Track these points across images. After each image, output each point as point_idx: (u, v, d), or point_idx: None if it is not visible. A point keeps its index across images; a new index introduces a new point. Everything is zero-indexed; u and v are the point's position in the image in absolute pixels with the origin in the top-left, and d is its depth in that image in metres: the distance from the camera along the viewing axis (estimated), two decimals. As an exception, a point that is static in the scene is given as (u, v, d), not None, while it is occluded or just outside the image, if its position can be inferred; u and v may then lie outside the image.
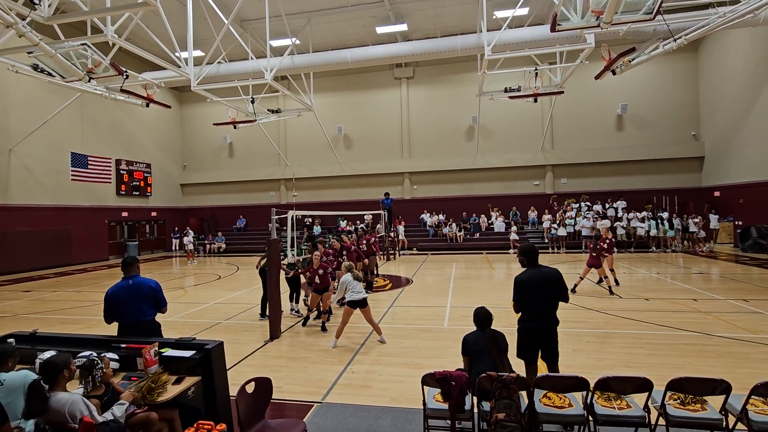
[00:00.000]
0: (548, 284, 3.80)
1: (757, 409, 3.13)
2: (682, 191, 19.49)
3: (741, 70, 16.64)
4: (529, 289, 3.78)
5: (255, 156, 24.42)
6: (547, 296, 3.81)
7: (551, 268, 3.89)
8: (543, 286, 3.79)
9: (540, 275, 3.83)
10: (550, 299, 3.82)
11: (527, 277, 3.84)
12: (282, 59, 15.34)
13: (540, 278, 3.81)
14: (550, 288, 3.80)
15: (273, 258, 6.60)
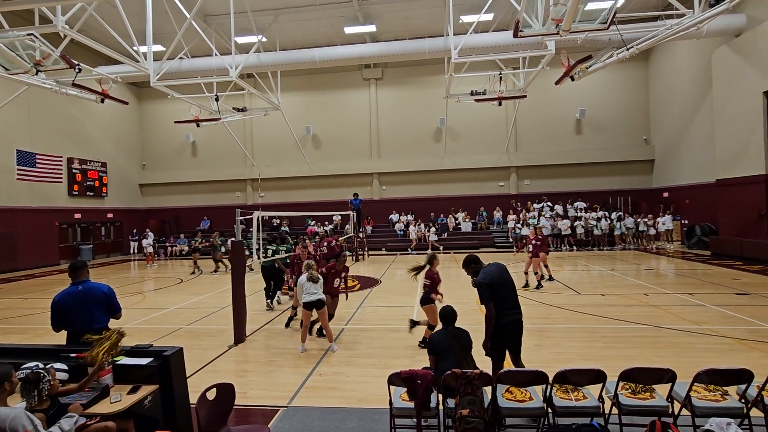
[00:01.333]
0: (506, 276, 4.01)
1: (699, 395, 3.36)
2: (635, 192, 20.64)
3: (686, 80, 17.82)
4: (495, 285, 3.89)
5: (220, 155, 23.71)
6: (510, 287, 3.99)
7: (500, 264, 4.10)
8: (503, 279, 3.97)
9: (496, 270, 4.00)
10: (513, 290, 4.02)
11: (488, 274, 3.95)
12: (248, 57, 14.98)
13: (498, 272, 3.99)
14: (509, 279, 4.01)
15: (236, 259, 6.43)
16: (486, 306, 3.86)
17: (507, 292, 3.95)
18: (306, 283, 5.82)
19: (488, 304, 3.85)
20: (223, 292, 10.51)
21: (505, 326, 3.90)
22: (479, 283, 3.92)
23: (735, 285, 9.51)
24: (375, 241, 20.49)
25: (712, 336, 5.94)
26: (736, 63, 14.03)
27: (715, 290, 9.00)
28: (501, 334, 3.91)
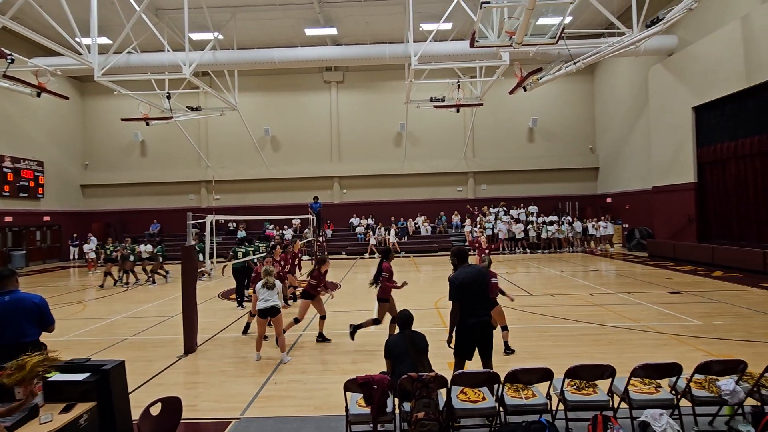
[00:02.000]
0: (480, 280, 4.03)
1: (636, 388, 3.61)
2: (582, 197, 21.90)
3: (626, 94, 19.20)
4: (466, 286, 3.95)
5: (172, 156, 22.60)
6: (481, 291, 4.03)
7: (480, 267, 4.19)
8: (476, 282, 4.00)
9: (472, 272, 4.04)
10: (484, 294, 4.06)
11: (461, 274, 4.02)
12: (203, 54, 14.45)
13: (473, 275, 4.02)
14: (483, 284, 4.05)
15: (187, 266, 6.14)
16: (452, 303, 3.98)
17: (476, 295, 3.99)
18: (261, 290, 5.65)
19: (453, 303, 3.96)
20: (174, 299, 10.00)
21: (470, 327, 3.96)
22: (451, 281, 4.02)
23: (668, 284, 10.32)
24: (335, 245, 20.33)
25: (649, 332, 6.40)
26: (669, 80, 15.30)
27: (651, 289, 9.72)
28: (466, 334, 3.98)
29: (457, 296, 3.94)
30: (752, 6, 12.03)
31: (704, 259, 13.17)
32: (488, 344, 4.04)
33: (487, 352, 4.05)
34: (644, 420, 3.29)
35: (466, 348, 4.01)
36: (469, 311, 3.95)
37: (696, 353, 5.38)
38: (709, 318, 7.09)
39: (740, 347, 5.62)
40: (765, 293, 8.94)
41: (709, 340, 5.97)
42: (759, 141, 12.01)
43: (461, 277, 3.99)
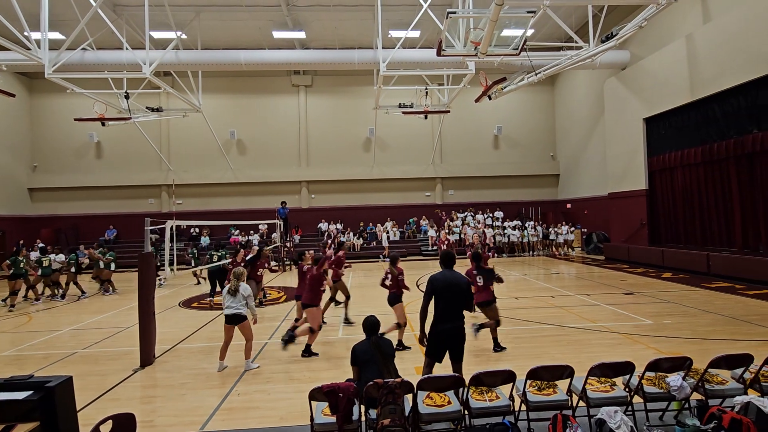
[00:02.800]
0: (458, 287, 4.07)
1: (593, 387, 3.75)
2: (544, 203, 22.75)
3: (584, 105, 20.18)
4: (440, 289, 4.01)
5: (130, 158, 21.57)
6: (457, 297, 4.06)
7: (462, 275, 4.22)
8: (453, 288, 4.04)
9: (452, 277, 4.09)
10: (459, 301, 4.08)
11: (440, 276, 4.08)
12: (164, 53, 13.93)
13: (452, 280, 4.07)
14: (458, 291, 4.07)
15: (144, 274, 5.86)
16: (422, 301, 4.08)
17: (449, 301, 4.04)
18: (225, 295, 5.48)
19: (423, 301, 4.06)
20: (130, 309, 9.52)
21: (440, 332, 4.03)
22: (428, 280, 4.11)
23: (623, 286, 10.87)
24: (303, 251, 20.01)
25: (605, 332, 6.71)
26: (623, 92, 16.22)
27: (607, 291, 10.20)
28: (438, 338, 4.05)
29: (429, 296, 4.04)
30: (695, 26, 12.99)
31: (655, 262, 13.97)
32: (459, 349, 4.11)
33: (457, 356, 4.12)
34: (600, 418, 3.43)
35: (437, 351, 4.09)
36: (443, 316, 4.03)
37: (647, 351, 5.69)
38: (660, 317, 7.51)
39: (687, 344, 5.99)
40: (708, 293, 9.58)
41: (659, 338, 6.32)
42: (702, 151, 12.93)
43: (439, 279, 4.07)
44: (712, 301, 8.68)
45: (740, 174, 11.86)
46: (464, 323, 4.14)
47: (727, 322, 7.05)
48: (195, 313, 9.11)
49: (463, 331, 4.13)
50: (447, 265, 4.23)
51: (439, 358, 4.11)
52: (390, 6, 16.19)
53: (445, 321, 4.02)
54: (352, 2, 16.45)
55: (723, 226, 12.56)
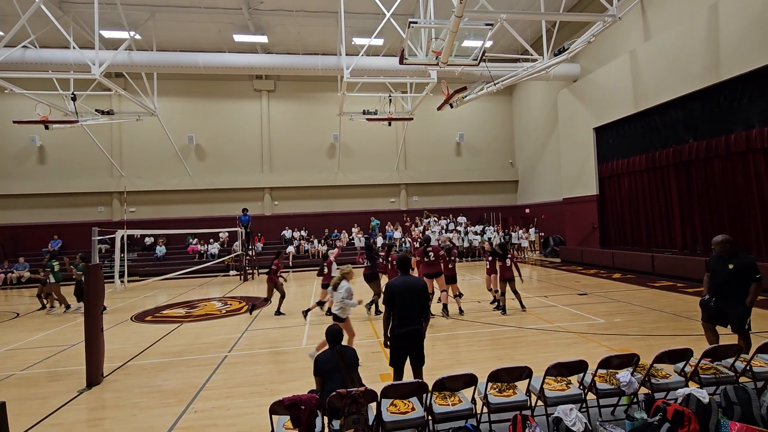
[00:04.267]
0: (415, 292, 4.17)
1: (550, 386, 3.89)
2: (504, 208, 23.53)
3: (540, 114, 21.14)
4: (397, 293, 4.09)
5: (78, 164, 20.27)
6: (414, 302, 4.15)
7: (419, 279, 4.33)
8: (410, 293, 4.14)
9: (408, 282, 4.19)
10: (416, 305, 4.18)
11: (396, 282, 4.18)
12: (116, 54, 13.26)
13: (408, 285, 4.17)
14: (415, 295, 4.17)
15: (91, 287, 5.50)
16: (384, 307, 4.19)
17: (407, 305, 4.13)
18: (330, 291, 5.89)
19: (385, 309, 4.17)
20: (76, 325, 8.90)
21: (400, 336, 4.11)
22: (385, 286, 4.21)
23: (577, 287, 11.41)
24: (266, 259, 19.53)
25: (562, 332, 6.99)
26: (574, 103, 17.13)
27: (563, 292, 10.66)
28: (397, 342, 4.14)
29: (388, 302, 4.13)
30: (638, 43, 13.97)
31: (606, 263, 14.77)
32: (419, 353, 4.19)
33: (418, 360, 4.19)
34: (557, 416, 3.56)
35: (398, 356, 4.17)
36: (400, 320, 4.11)
37: (600, 349, 5.98)
38: (611, 316, 7.94)
39: (635, 341, 6.35)
40: (653, 292, 10.23)
41: (610, 336, 6.67)
42: (646, 159, 13.87)
43: (395, 284, 4.16)
44: (657, 299, 9.28)
45: (679, 180, 12.82)
46: (422, 327, 4.24)
47: (670, 319, 7.56)
48: (149, 328, 8.65)
49: (422, 335, 4.23)
50: (404, 271, 4.34)
51: (401, 363, 4.18)
52: (353, 13, 16.29)
53: (403, 325, 4.12)
54: (316, 8, 16.42)
55: (665, 228, 13.50)
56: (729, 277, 4.80)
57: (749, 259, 4.83)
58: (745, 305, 4.70)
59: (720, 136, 11.26)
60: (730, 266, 4.79)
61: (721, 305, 4.89)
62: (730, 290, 4.80)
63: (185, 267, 15.08)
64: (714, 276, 4.99)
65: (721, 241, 4.93)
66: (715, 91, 11.29)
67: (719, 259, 4.94)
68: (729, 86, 10.89)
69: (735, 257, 4.84)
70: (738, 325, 4.77)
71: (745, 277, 4.71)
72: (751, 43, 10.03)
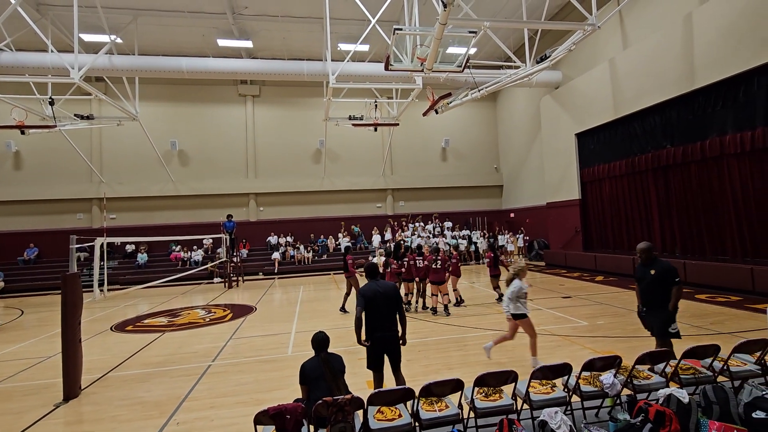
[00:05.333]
0: (387, 295, 4.27)
1: (535, 390, 3.93)
2: (490, 213, 23.77)
3: (523, 120, 21.49)
4: (368, 298, 4.18)
5: (55, 170, 19.71)
6: (387, 305, 4.25)
7: (389, 283, 4.42)
8: (381, 296, 4.24)
9: (379, 286, 4.30)
10: (391, 308, 4.27)
11: (369, 286, 4.28)
12: (96, 57, 13.01)
13: (380, 289, 4.27)
14: (390, 300, 4.27)
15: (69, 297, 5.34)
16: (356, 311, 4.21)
17: (382, 309, 4.23)
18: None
19: (356, 312, 4.20)
20: (52, 336, 8.62)
21: (377, 340, 4.22)
22: (358, 291, 4.32)
23: (561, 290, 11.57)
24: (251, 266, 19.34)
25: (546, 335, 7.07)
26: (557, 110, 17.47)
27: (548, 295, 10.80)
28: (374, 347, 4.23)
29: (361, 306, 4.21)
30: (617, 51, 14.35)
31: (589, 266, 15.03)
32: (396, 355, 4.32)
33: (395, 363, 4.33)
34: (543, 419, 3.59)
35: (376, 360, 4.27)
36: (376, 325, 4.22)
37: (584, 351, 6.07)
38: (594, 318, 8.06)
39: (618, 343, 6.47)
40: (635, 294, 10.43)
41: (594, 338, 6.77)
42: (626, 164, 14.21)
43: (368, 289, 4.28)
44: (639, 302, 9.46)
45: (658, 185, 13.17)
46: (398, 330, 4.32)
47: (651, 321, 7.71)
48: (129, 338, 8.43)
49: (397, 339, 4.33)
50: (372, 277, 4.45)
51: (380, 367, 4.28)
52: (339, 19, 16.36)
53: (379, 329, 4.22)
54: (301, 14, 16.42)
55: (645, 231, 13.82)
56: (652, 284, 4.86)
57: (667, 263, 4.89)
58: (668, 310, 4.75)
59: (696, 141, 11.62)
60: (652, 272, 4.84)
61: (648, 313, 4.96)
62: (655, 296, 4.86)
63: (168, 275, 14.79)
64: (640, 284, 5.04)
65: (644, 248, 4.97)
66: (690, 99, 11.67)
67: (643, 267, 4.99)
68: (703, 94, 11.28)
69: (655, 263, 4.90)
70: (659, 330, 4.81)
71: (666, 282, 4.76)
72: (724, 53, 10.42)
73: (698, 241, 11.93)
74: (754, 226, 10.38)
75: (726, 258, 11.03)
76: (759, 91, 9.97)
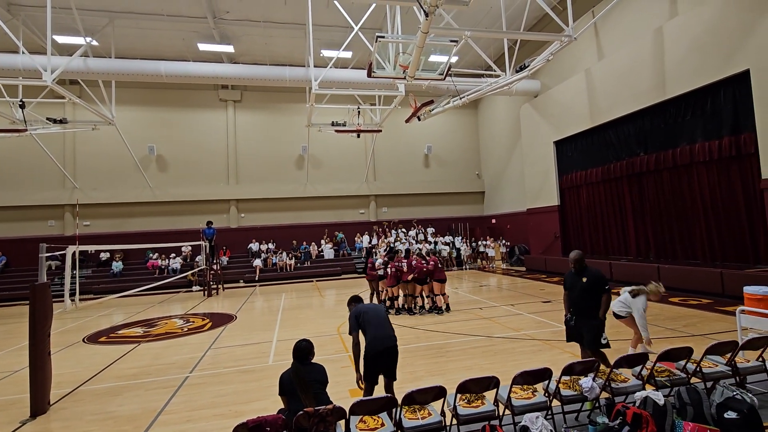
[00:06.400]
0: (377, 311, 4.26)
1: (517, 395, 3.95)
2: (472, 219, 24.03)
3: (504, 128, 21.89)
4: (361, 315, 4.15)
5: (26, 175, 19.01)
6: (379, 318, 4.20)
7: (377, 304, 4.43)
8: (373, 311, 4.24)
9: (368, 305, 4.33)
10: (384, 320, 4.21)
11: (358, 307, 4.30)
12: (71, 60, 12.62)
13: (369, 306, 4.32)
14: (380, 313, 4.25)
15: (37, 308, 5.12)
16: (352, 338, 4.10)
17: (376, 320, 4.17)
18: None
19: (352, 336, 4.10)
20: (19, 350, 8.25)
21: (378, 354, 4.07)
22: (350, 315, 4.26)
23: (542, 294, 11.75)
24: (232, 273, 18.99)
25: (528, 340, 7.15)
26: (536, 118, 17.87)
27: (528, 300, 10.95)
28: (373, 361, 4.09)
29: (356, 327, 4.11)
30: (592, 62, 14.81)
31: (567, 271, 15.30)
32: (393, 367, 4.20)
33: (392, 374, 4.20)
34: (524, 425, 3.61)
35: (374, 374, 4.13)
36: (374, 337, 4.08)
37: (564, 355, 6.16)
38: (574, 323, 8.20)
39: (596, 347, 6.58)
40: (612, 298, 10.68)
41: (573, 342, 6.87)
42: (602, 171, 14.61)
43: (358, 309, 4.24)
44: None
45: (632, 191, 13.57)
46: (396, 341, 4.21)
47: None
48: (103, 349, 8.13)
49: (396, 350, 4.20)
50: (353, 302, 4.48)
51: (376, 380, 4.15)
52: (322, 26, 16.39)
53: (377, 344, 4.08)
54: (283, 19, 16.38)
55: (621, 236, 14.21)
56: (583, 292, 4.84)
57: (597, 271, 4.92)
58: (599, 319, 4.78)
59: (667, 149, 12.06)
60: (584, 279, 4.84)
61: (578, 322, 4.94)
62: (585, 305, 4.84)
63: (144, 283, 14.37)
64: (570, 293, 5.03)
65: (576, 257, 4.97)
66: (662, 108, 12.12)
67: (574, 275, 4.98)
68: (674, 104, 11.73)
69: (586, 271, 4.90)
70: (592, 341, 4.80)
71: (597, 290, 4.79)
72: (692, 65, 10.88)
73: (671, 246, 12.33)
74: (723, 232, 10.80)
75: (697, 262, 11.42)
76: (725, 103, 10.44)
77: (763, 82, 9.26)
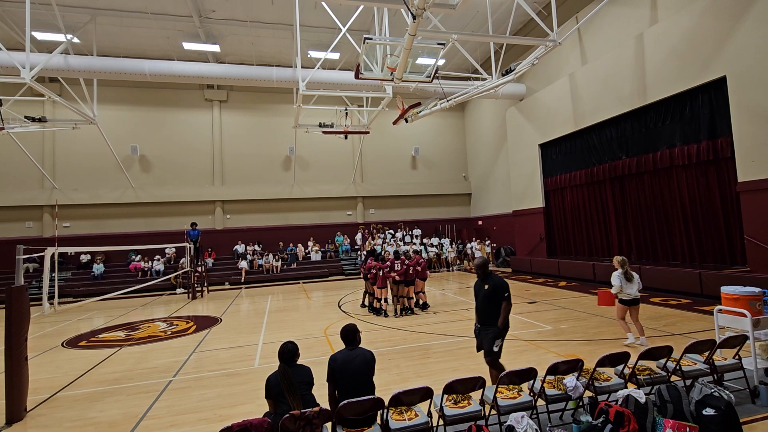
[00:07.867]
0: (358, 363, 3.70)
1: (503, 395, 3.99)
2: (458, 221, 24.20)
3: (490, 130, 22.12)
4: (338, 368, 3.65)
5: (2, 175, 18.48)
6: (357, 374, 3.67)
7: (365, 351, 3.81)
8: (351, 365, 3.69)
9: (352, 354, 3.76)
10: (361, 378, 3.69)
11: (341, 354, 3.75)
12: (50, 57, 12.32)
13: (351, 356, 3.73)
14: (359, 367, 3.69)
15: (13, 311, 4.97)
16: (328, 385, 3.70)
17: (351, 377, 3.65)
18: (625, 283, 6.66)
19: (329, 384, 3.68)
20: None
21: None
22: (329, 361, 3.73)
23: (527, 295, 11.89)
24: (217, 275, 18.73)
25: (513, 340, 7.22)
26: (521, 121, 18.11)
27: (514, 301, 11.04)
28: None
29: (331, 377, 3.66)
30: (576, 67, 15.09)
31: (553, 272, 15.55)
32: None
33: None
34: (510, 424, 3.65)
35: None
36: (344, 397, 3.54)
37: (549, 355, 6.24)
38: (558, 323, 8.33)
39: (580, 346, 6.70)
40: (595, 298, 10.86)
41: (558, 342, 6.98)
42: (586, 173, 14.88)
43: (338, 357, 3.71)
44: (598, 306, 9.87)
45: (614, 194, 13.86)
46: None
47: (610, 323, 8.06)
48: (82, 353, 7.92)
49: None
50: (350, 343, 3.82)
51: None
52: (309, 27, 16.34)
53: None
54: (270, 19, 16.28)
55: (604, 238, 14.48)
56: (486, 299, 4.77)
57: (499, 278, 4.79)
58: (497, 327, 4.67)
59: (648, 153, 12.35)
60: (486, 287, 4.79)
61: (482, 330, 4.85)
62: (488, 312, 4.76)
63: (127, 286, 14.07)
64: (476, 300, 4.95)
65: (479, 264, 4.87)
66: (643, 113, 12.42)
67: (479, 282, 4.91)
68: (654, 108, 12.03)
69: (488, 278, 4.80)
70: (487, 349, 4.72)
71: (498, 298, 4.68)
72: (671, 71, 11.17)
73: (652, 248, 12.62)
74: (701, 233, 11.10)
75: (677, 263, 11.72)
76: (703, 108, 10.75)
77: (739, 88, 9.57)
